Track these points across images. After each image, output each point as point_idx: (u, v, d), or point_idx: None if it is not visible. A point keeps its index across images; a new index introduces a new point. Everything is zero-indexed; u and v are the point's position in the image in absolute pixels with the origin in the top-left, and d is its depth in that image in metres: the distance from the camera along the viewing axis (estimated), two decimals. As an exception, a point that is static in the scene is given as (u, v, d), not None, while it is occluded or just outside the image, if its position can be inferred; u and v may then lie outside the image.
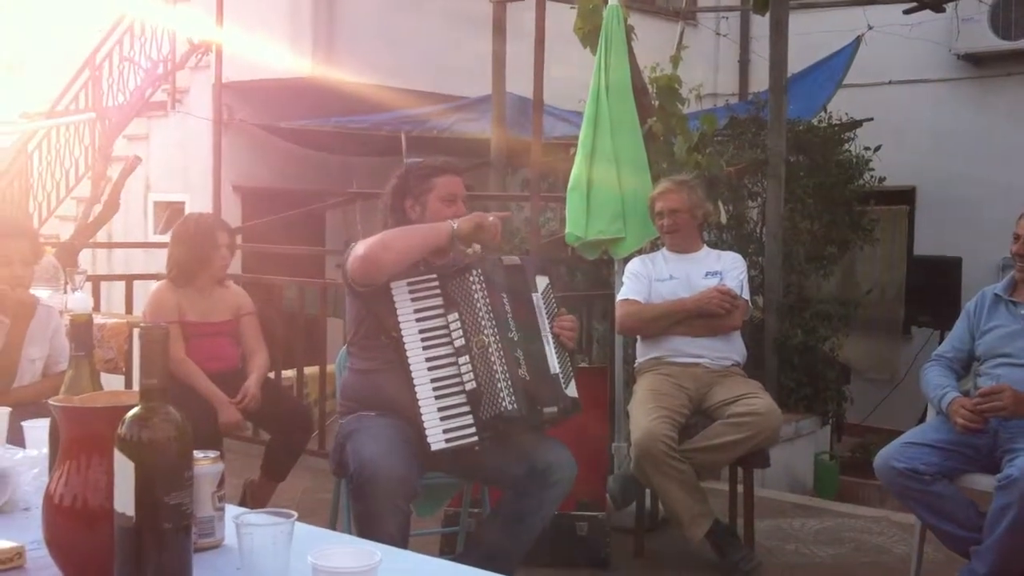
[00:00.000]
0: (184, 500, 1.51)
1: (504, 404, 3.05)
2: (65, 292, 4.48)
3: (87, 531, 1.55)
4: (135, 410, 1.51)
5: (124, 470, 1.48)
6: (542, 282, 3.33)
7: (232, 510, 1.84)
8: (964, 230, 8.69)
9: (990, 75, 9.41)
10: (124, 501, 1.48)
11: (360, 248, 3.10)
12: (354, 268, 3.12)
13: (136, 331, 4.85)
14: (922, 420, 4.02)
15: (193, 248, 4.33)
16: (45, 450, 1.92)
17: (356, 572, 1.45)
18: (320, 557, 1.45)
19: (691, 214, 4.40)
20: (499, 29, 7.58)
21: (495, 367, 3.09)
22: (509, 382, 3.08)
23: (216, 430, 4.15)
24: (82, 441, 1.59)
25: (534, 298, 3.25)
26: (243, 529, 1.57)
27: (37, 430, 2.06)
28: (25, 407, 2.98)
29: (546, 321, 3.25)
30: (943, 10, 8.52)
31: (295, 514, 1.61)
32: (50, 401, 1.65)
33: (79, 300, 3.97)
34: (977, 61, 9.43)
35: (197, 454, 1.71)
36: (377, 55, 8.64)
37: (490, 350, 3.10)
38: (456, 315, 3.13)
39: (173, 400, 1.55)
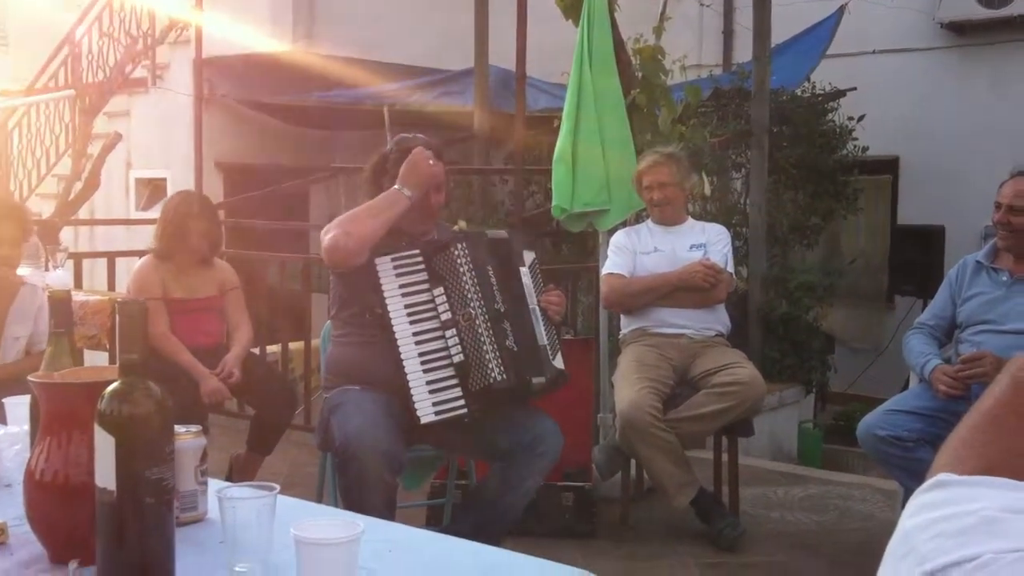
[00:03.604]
0: (165, 474, 1.51)
1: (493, 375, 3.05)
2: (46, 270, 4.46)
3: (69, 506, 1.55)
4: (115, 385, 1.51)
5: (105, 445, 1.48)
6: (529, 256, 3.35)
7: (215, 484, 1.84)
8: (947, 199, 8.71)
9: (973, 44, 9.39)
10: (105, 476, 1.48)
11: (325, 239, 3.12)
12: (327, 258, 3.16)
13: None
14: (905, 388, 4.05)
15: (168, 230, 4.33)
16: (27, 427, 1.91)
17: (337, 543, 1.45)
18: (302, 529, 1.45)
19: (680, 187, 4.41)
20: (481, 2, 7.54)
21: (482, 339, 3.09)
22: (497, 353, 3.09)
23: (201, 405, 4.15)
24: (62, 417, 1.59)
25: (522, 272, 3.26)
26: (226, 503, 1.57)
27: (19, 407, 2.06)
28: (8, 385, 2.97)
29: (534, 294, 3.26)
30: (926, -22, 8.51)
31: (277, 487, 1.61)
32: (29, 377, 1.65)
33: (58, 277, 3.95)
34: (960, 30, 9.41)
35: (179, 428, 1.71)
36: (358, 29, 8.60)
37: (477, 322, 3.11)
38: (442, 289, 3.13)
39: (157, 376, 1.54)
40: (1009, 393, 0.86)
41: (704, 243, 4.36)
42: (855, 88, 8.38)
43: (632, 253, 4.38)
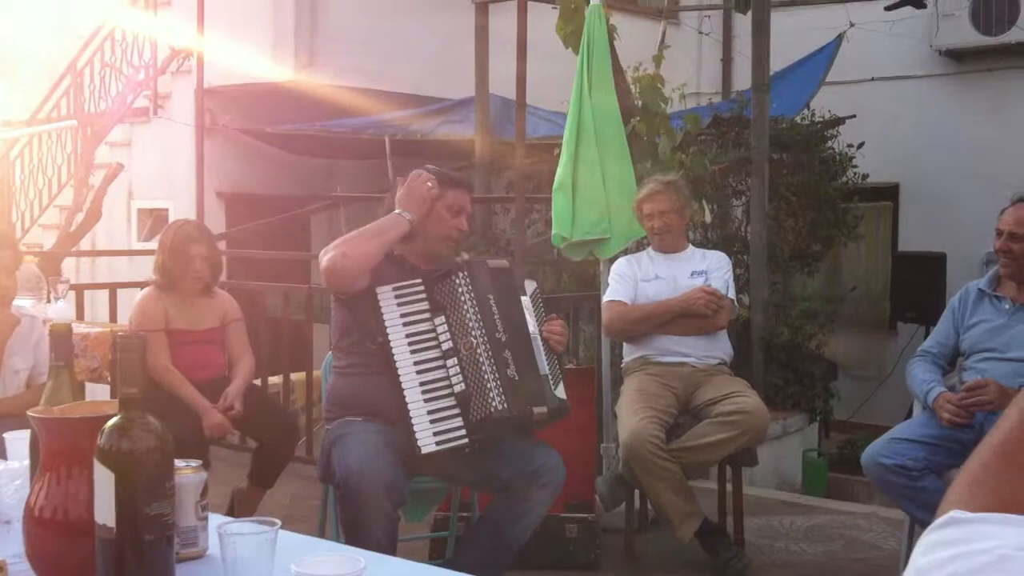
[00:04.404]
0: (165, 510, 1.50)
1: (494, 405, 3.04)
2: (48, 302, 4.45)
3: (68, 543, 1.54)
4: (114, 420, 1.50)
5: (104, 481, 1.47)
6: (530, 286, 3.35)
7: (216, 519, 1.82)
8: (948, 225, 8.73)
9: (972, 71, 9.44)
10: (104, 512, 1.47)
11: (323, 260, 3.11)
12: (324, 279, 3.16)
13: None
14: (909, 416, 4.03)
15: (169, 258, 4.31)
16: (27, 462, 1.90)
17: (340, 580, 1.43)
18: (303, 565, 1.44)
19: (680, 214, 4.40)
20: (481, 31, 7.58)
21: (484, 369, 3.08)
22: (498, 383, 3.08)
23: (202, 439, 4.12)
24: (62, 452, 1.58)
25: (523, 301, 3.26)
26: (226, 538, 1.56)
27: (19, 442, 2.04)
28: (9, 418, 2.96)
29: (535, 323, 3.25)
30: (924, 6, 8.55)
31: (278, 522, 1.60)
32: (29, 412, 1.64)
33: (59, 310, 3.95)
34: (958, 57, 9.47)
35: (179, 463, 1.70)
36: (360, 58, 8.63)
37: (478, 352, 3.10)
38: (443, 318, 3.13)
39: (158, 409, 1.53)
40: (1018, 427, 0.84)
41: (705, 270, 4.35)
42: (854, 115, 8.41)
43: (633, 281, 4.37)
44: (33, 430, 1.71)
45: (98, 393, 5.11)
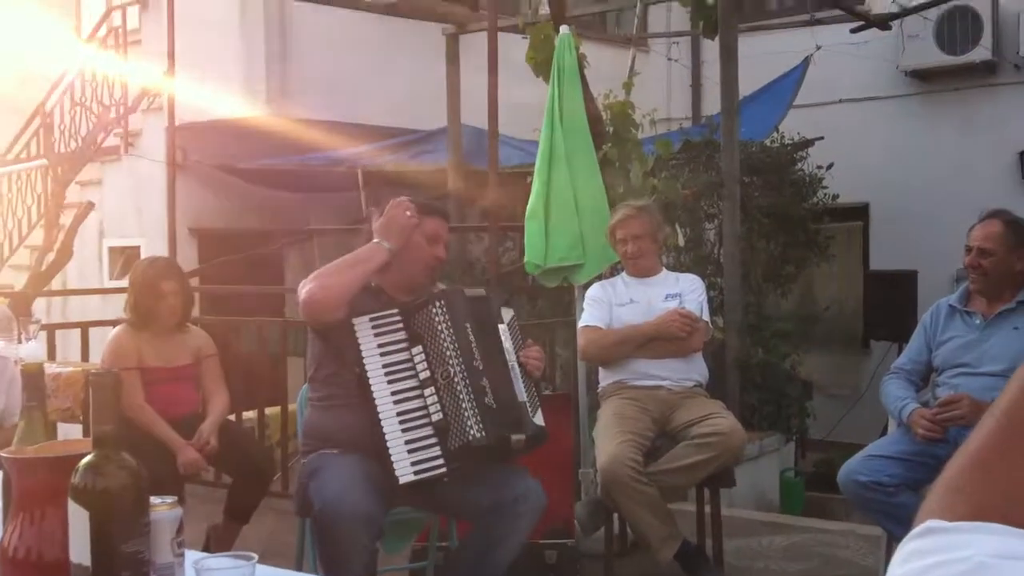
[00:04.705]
0: (141, 547, 1.50)
1: (471, 433, 3.04)
2: (19, 342, 4.41)
3: (43, 584, 1.53)
4: (88, 458, 1.49)
5: (79, 520, 1.47)
6: (507, 314, 3.36)
7: (192, 555, 1.81)
8: (918, 243, 8.80)
9: (938, 90, 9.56)
10: (80, 551, 1.46)
11: (301, 293, 3.11)
12: (303, 312, 3.15)
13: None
14: (884, 433, 4.06)
15: (140, 296, 4.30)
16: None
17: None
18: (281, 599, 1.44)
19: (653, 238, 4.43)
20: (452, 61, 7.63)
21: (461, 397, 3.08)
22: (476, 411, 3.08)
23: (177, 475, 4.10)
24: (35, 492, 1.57)
25: (500, 328, 3.26)
26: (203, 574, 1.55)
27: (-10, 484, 2.02)
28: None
29: (512, 351, 3.26)
30: (889, 27, 8.66)
31: (255, 556, 1.59)
32: (1, 453, 1.63)
33: (31, 350, 3.90)
34: (924, 77, 9.59)
35: (154, 500, 1.69)
36: (331, 92, 8.65)
37: (455, 380, 3.10)
38: (420, 348, 3.13)
39: (132, 447, 1.53)
40: (993, 435, 0.86)
41: (679, 293, 4.38)
42: (823, 137, 8.49)
43: (608, 305, 4.39)
44: (5, 471, 1.70)
45: (71, 433, 5.07)
